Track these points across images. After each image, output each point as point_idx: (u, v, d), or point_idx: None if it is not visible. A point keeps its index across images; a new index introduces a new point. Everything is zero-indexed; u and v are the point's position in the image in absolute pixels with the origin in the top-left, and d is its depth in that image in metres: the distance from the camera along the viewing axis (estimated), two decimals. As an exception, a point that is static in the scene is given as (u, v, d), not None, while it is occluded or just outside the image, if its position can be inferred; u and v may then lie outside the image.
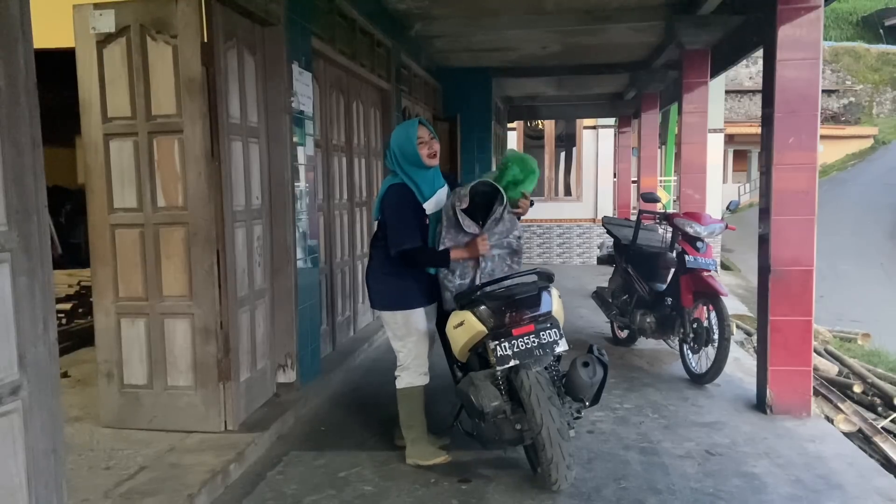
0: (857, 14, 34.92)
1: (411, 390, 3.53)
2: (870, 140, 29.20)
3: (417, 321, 3.51)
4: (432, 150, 3.47)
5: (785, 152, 4.20)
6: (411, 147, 3.42)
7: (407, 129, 3.50)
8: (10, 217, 1.96)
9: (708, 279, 4.91)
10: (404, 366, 3.54)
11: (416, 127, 3.47)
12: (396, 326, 3.53)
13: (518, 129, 15.49)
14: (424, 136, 3.45)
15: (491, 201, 3.40)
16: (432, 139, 3.49)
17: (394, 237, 3.39)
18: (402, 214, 3.40)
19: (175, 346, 3.78)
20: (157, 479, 3.20)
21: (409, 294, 3.49)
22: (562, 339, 3.15)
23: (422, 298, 3.52)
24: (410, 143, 3.43)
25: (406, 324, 3.50)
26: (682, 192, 6.95)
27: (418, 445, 3.53)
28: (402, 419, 3.57)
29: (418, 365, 3.53)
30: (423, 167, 3.45)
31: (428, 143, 3.46)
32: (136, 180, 3.73)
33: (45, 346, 2.08)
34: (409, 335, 3.51)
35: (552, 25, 7.18)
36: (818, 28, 4.16)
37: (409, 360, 3.52)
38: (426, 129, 3.49)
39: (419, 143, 3.42)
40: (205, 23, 3.64)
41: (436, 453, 3.52)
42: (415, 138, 3.43)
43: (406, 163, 3.45)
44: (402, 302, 3.50)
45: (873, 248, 17.72)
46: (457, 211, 3.30)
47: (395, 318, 3.52)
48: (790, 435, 3.99)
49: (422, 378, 3.54)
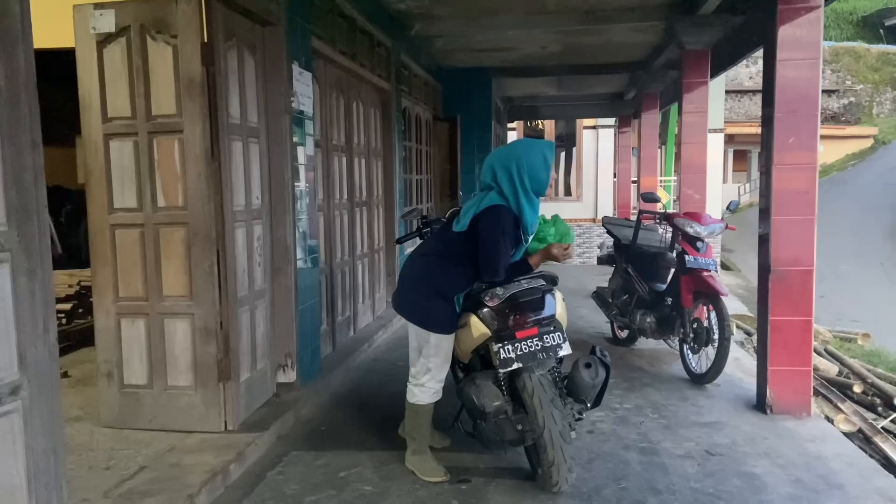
0: (857, 14, 34.91)
1: (420, 407, 3.40)
2: (870, 140, 29.20)
3: (449, 345, 3.35)
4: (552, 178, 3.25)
5: (785, 152, 4.20)
6: (545, 173, 3.13)
7: (544, 150, 3.17)
8: (10, 217, 1.96)
9: (708, 279, 4.91)
10: (418, 381, 3.38)
11: (554, 152, 3.19)
12: (427, 345, 3.32)
13: (518, 129, 15.50)
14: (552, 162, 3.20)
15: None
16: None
17: (491, 263, 3.14)
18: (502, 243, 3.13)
19: (175, 346, 3.78)
20: (157, 479, 3.20)
21: (451, 319, 3.31)
22: (565, 343, 3.14)
23: (455, 323, 3.35)
24: (546, 169, 3.13)
25: (437, 345, 3.31)
26: (682, 192, 6.96)
27: (419, 456, 3.46)
28: (408, 429, 3.53)
29: (435, 383, 3.37)
30: (538, 196, 3.21)
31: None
32: (136, 180, 3.73)
33: (45, 346, 2.08)
34: (435, 355, 3.33)
35: (552, 25, 7.18)
36: (818, 28, 4.16)
37: (425, 377, 3.36)
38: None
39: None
40: (205, 23, 3.64)
41: (435, 470, 3.38)
42: (551, 163, 3.15)
43: (529, 188, 3.13)
44: (443, 326, 3.29)
45: (873, 248, 17.72)
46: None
47: (427, 337, 3.31)
48: (790, 435, 3.99)
49: (433, 397, 3.39)
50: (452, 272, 3.26)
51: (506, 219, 3.13)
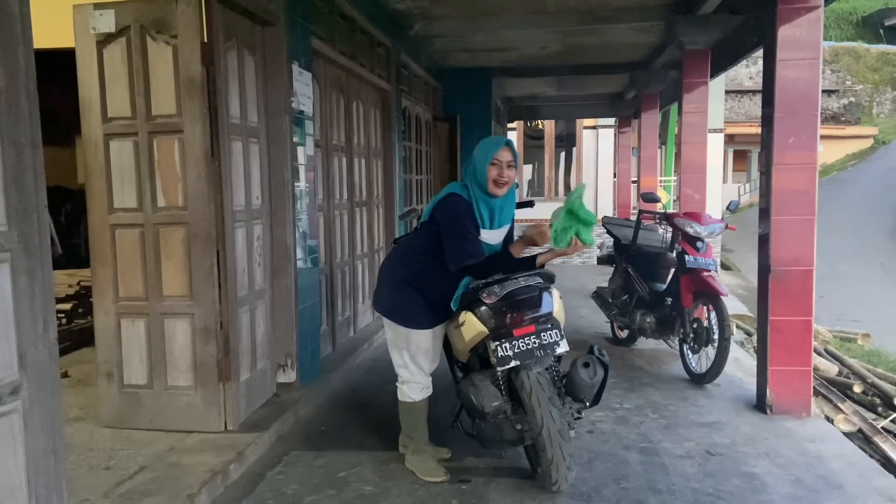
0: (857, 14, 34.89)
1: (412, 405, 3.41)
2: (870, 140, 29.19)
3: (421, 340, 3.33)
4: (503, 177, 3.11)
5: (785, 152, 4.20)
6: (482, 166, 3.09)
7: (489, 145, 3.16)
8: (10, 217, 1.96)
9: (708, 279, 4.91)
10: (403, 378, 3.41)
11: (500, 147, 3.12)
12: (398, 338, 3.36)
13: (518, 129, 15.50)
14: (502, 159, 3.10)
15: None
16: (510, 167, 3.12)
17: (454, 252, 3.12)
18: (462, 230, 3.10)
19: (175, 346, 3.78)
20: (157, 479, 3.20)
21: (427, 315, 3.28)
22: (563, 340, 3.15)
23: (433, 319, 3.31)
24: (483, 162, 3.09)
25: (417, 343, 3.33)
26: (682, 192, 6.96)
27: (419, 456, 3.46)
28: (404, 429, 3.54)
29: (421, 377, 3.39)
30: (485, 193, 3.13)
31: (501, 167, 3.10)
32: (136, 180, 3.73)
33: (45, 346, 2.08)
34: (407, 349, 3.34)
35: (552, 25, 7.18)
36: (818, 28, 4.16)
37: (407, 373, 3.38)
38: (511, 153, 3.14)
39: (491, 164, 3.09)
40: (205, 23, 3.64)
41: (435, 470, 3.38)
42: (491, 157, 3.09)
43: (474, 182, 3.14)
44: (410, 319, 3.29)
45: (873, 248, 17.71)
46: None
47: (397, 330, 3.35)
48: (790, 435, 3.99)
49: (422, 392, 3.40)
50: (421, 265, 3.29)
51: (461, 205, 3.13)
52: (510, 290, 3.16)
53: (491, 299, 3.15)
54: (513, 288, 3.16)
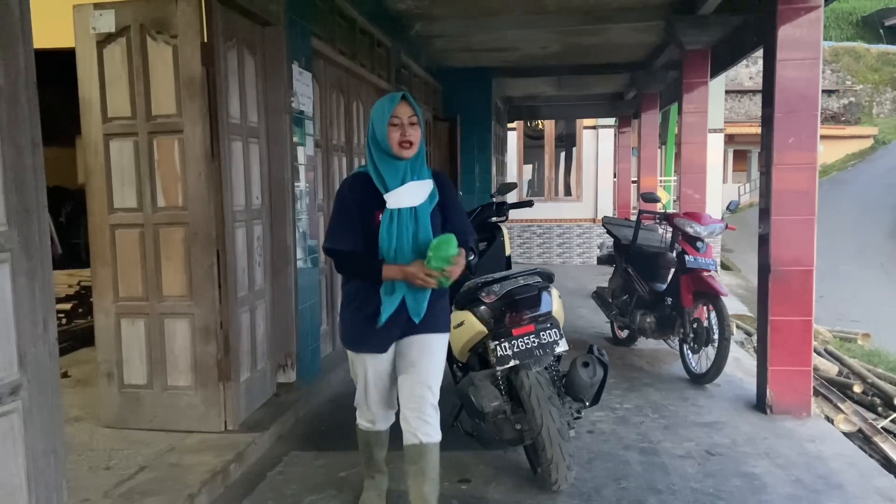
0: (857, 14, 34.89)
1: (358, 429, 3.03)
2: (870, 140, 29.17)
3: (360, 365, 2.82)
4: (406, 136, 2.59)
5: (785, 152, 4.20)
6: (381, 127, 2.60)
7: (383, 103, 2.65)
8: (10, 217, 1.96)
9: (708, 279, 4.91)
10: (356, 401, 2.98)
11: (396, 103, 2.61)
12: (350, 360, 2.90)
13: (518, 129, 15.50)
14: (403, 116, 2.60)
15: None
16: (412, 124, 2.61)
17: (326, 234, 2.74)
18: (340, 208, 2.68)
19: (175, 346, 3.78)
20: (157, 479, 3.20)
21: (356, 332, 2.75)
22: (562, 340, 3.15)
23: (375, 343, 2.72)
24: (381, 122, 2.60)
25: (353, 362, 2.87)
26: (682, 192, 6.96)
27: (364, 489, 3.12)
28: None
29: (363, 409, 2.95)
30: (390, 156, 2.62)
31: (403, 126, 2.60)
32: (136, 180, 3.73)
33: (45, 346, 2.08)
34: (355, 373, 2.89)
35: (552, 25, 7.18)
36: (818, 28, 4.16)
37: (357, 398, 2.96)
38: (409, 107, 2.63)
39: (391, 125, 2.59)
40: (205, 23, 3.64)
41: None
42: (388, 116, 2.59)
43: (373, 145, 2.65)
44: (346, 338, 2.83)
45: (873, 248, 17.71)
46: None
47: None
48: (790, 435, 3.99)
49: (365, 424, 2.98)
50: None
51: (350, 184, 2.71)
52: (509, 290, 3.17)
53: (490, 299, 3.15)
54: (512, 287, 3.17)
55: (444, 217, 2.73)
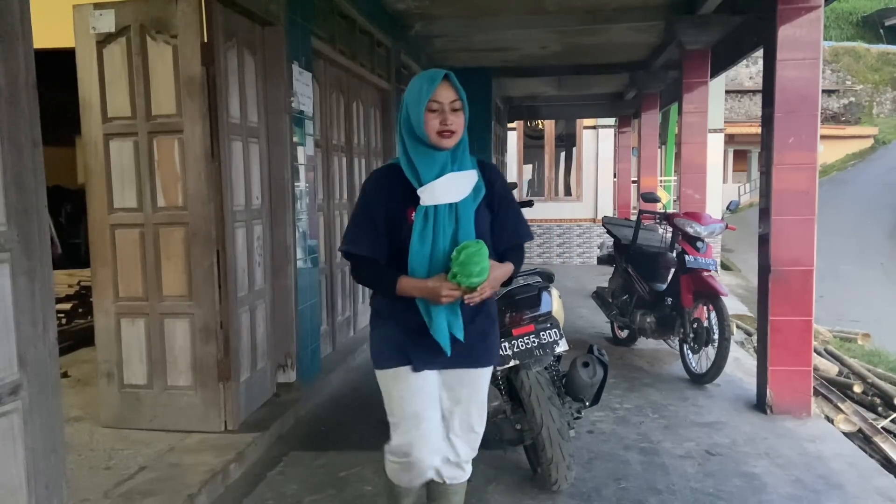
0: (857, 14, 34.88)
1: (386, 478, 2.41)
2: (870, 140, 29.17)
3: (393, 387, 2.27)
4: (447, 125, 2.14)
5: (785, 152, 4.20)
6: (417, 111, 2.16)
7: (421, 83, 2.19)
8: (10, 217, 1.96)
9: (708, 279, 4.91)
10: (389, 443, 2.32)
11: (437, 83, 2.16)
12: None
13: (518, 129, 15.49)
14: (444, 100, 2.15)
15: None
16: (455, 110, 2.17)
17: (344, 234, 2.32)
18: (361, 206, 2.28)
19: (175, 346, 3.78)
20: (157, 479, 3.20)
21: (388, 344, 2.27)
22: (562, 340, 3.15)
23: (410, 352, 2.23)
24: (417, 106, 2.16)
25: (384, 385, 2.31)
26: (682, 192, 6.95)
27: None
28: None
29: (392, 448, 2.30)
30: (426, 145, 2.18)
31: (444, 112, 2.15)
32: (136, 180, 3.74)
33: (45, 346, 2.08)
34: (388, 401, 2.31)
35: (552, 25, 7.18)
36: (818, 28, 4.16)
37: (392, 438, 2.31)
38: (453, 90, 2.18)
39: (429, 111, 2.15)
40: (205, 23, 3.64)
41: None
42: (426, 100, 2.15)
43: (406, 131, 2.21)
44: (375, 354, 2.32)
45: (873, 248, 17.70)
46: None
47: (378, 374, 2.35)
48: (790, 435, 3.99)
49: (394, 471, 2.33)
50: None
51: (377, 178, 2.31)
52: (509, 290, 3.17)
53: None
54: (511, 287, 3.17)
55: (493, 216, 2.27)
